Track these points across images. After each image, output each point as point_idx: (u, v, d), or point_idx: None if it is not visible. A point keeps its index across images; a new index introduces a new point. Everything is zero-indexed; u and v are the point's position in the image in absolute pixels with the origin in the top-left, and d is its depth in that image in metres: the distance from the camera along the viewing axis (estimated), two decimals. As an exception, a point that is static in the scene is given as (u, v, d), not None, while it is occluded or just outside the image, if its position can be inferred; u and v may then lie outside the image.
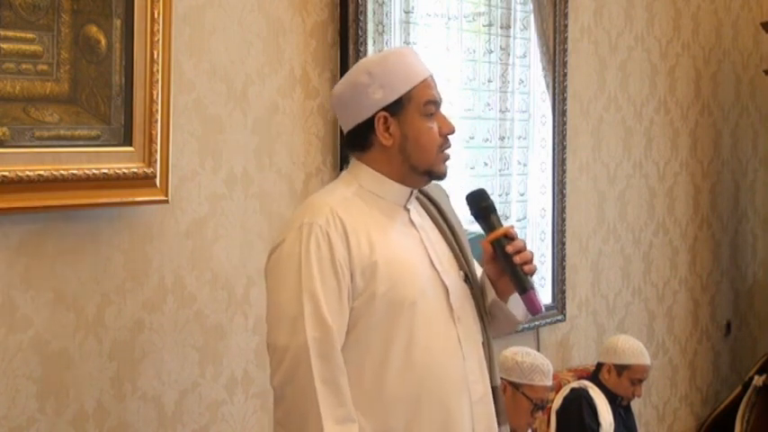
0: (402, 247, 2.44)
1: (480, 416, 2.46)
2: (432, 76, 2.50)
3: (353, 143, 2.51)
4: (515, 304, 2.56)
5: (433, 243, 2.51)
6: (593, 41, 4.99)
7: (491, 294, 2.55)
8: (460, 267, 2.52)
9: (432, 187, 2.59)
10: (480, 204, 2.51)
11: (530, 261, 2.46)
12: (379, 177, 2.47)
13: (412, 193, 2.51)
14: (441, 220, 2.57)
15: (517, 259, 2.43)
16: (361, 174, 2.49)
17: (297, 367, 2.30)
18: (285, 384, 2.32)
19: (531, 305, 2.47)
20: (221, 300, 3.18)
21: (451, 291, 2.47)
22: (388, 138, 2.44)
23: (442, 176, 2.51)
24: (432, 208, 2.58)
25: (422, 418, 2.38)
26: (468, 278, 2.53)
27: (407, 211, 2.50)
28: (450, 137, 2.48)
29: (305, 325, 2.29)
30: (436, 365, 2.40)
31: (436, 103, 2.47)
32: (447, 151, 2.48)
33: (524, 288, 2.45)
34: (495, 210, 2.51)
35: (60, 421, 2.74)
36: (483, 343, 2.53)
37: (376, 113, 2.43)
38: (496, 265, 2.49)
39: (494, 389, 2.54)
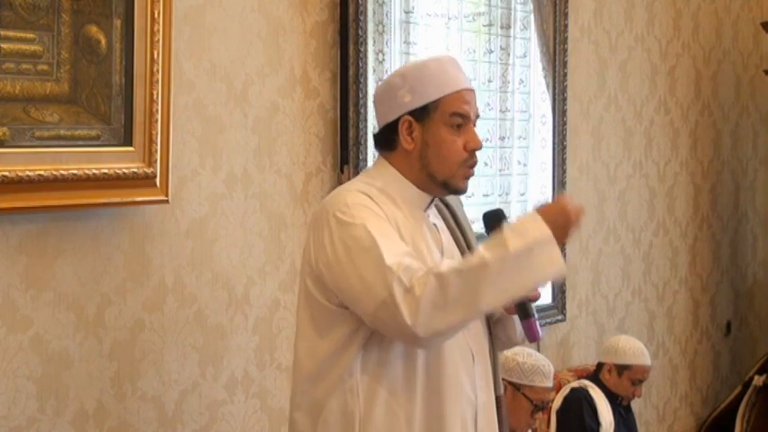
0: (428, 250, 2.42)
1: (483, 423, 2.46)
2: (469, 90, 2.48)
3: (381, 142, 2.51)
4: (515, 323, 2.54)
5: (449, 249, 2.50)
6: (593, 41, 4.99)
7: (497, 312, 2.53)
8: None
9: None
10: (495, 224, 2.46)
11: None
12: (401, 180, 2.46)
13: (432, 200, 2.51)
14: (455, 227, 2.56)
15: None
16: (384, 173, 2.48)
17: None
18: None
19: (531, 333, 2.45)
20: (221, 300, 3.18)
21: None
22: (410, 142, 2.44)
23: (459, 191, 2.50)
24: (447, 214, 2.58)
25: (443, 423, 2.38)
26: None
27: (427, 216, 2.50)
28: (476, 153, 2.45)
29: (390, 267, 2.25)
30: (451, 371, 2.39)
31: (465, 116, 2.45)
32: (470, 168, 2.46)
33: (526, 314, 2.44)
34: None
35: (60, 421, 2.74)
36: (488, 352, 2.52)
37: (401, 116, 2.44)
38: None
39: (498, 398, 2.54)
